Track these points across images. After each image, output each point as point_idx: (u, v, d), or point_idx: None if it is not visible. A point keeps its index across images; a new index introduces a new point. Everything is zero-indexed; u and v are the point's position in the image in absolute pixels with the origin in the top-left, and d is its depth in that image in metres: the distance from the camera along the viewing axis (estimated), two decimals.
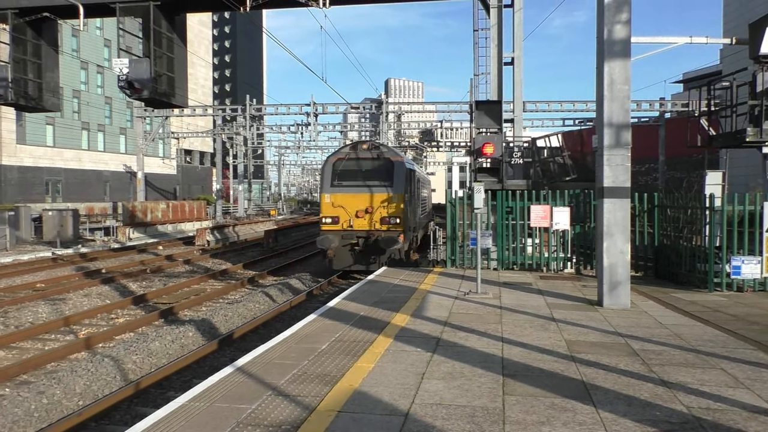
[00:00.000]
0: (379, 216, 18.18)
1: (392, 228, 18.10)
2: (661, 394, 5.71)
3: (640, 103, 39.62)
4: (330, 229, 18.43)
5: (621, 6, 9.85)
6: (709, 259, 11.81)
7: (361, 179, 18.70)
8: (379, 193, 18.33)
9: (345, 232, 18.33)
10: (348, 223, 18.33)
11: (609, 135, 9.99)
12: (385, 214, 18.19)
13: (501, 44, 20.62)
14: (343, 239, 18.29)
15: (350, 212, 18.34)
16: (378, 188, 18.42)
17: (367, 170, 18.79)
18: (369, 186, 18.47)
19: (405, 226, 18.36)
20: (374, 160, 18.86)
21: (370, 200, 18.26)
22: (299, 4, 19.10)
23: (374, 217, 18.22)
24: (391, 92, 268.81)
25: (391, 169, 18.56)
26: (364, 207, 18.31)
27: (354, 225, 18.31)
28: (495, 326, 8.61)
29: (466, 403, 5.42)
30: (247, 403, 5.42)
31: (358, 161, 18.96)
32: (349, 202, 18.42)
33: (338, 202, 18.41)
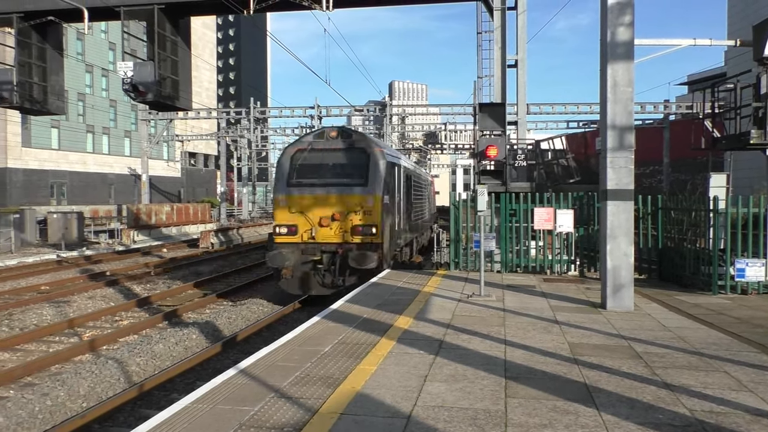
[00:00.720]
0: (351, 224, 14.47)
1: (368, 240, 14.40)
2: (664, 397, 5.69)
3: (643, 105, 39.59)
4: (285, 241, 14.66)
5: (624, 8, 9.85)
6: (713, 262, 11.78)
7: (327, 176, 14.92)
8: (351, 194, 14.54)
9: (305, 245, 14.58)
10: (309, 234, 14.50)
11: (612, 137, 9.98)
12: (358, 221, 14.45)
13: (505, 47, 20.65)
14: (302, 255, 14.53)
15: (312, 220, 14.52)
16: (349, 188, 14.68)
17: (336, 164, 15.07)
18: (337, 185, 14.70)
19: (385, 237, 14.74)
20: (345, 151, 15.14)
21: (338, 204, 14.59)
22: (303, 7, 19.16)
23: (344, 225, 14.47)
24: (394, 95, 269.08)
25: (367, 162, 14.81)
26: (330, 213, 14.50)
27: (317, 236, 14.48)
28: (498, 329, 8.60)
29: (468, 406, 5.42)
30: (250, 405, 5.43)
31: (324, 153, 15.15)
32: (311, 206, 14.60)
33: (297, 206, 14.62)
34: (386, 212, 14.88)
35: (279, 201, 14.84)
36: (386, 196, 14.90)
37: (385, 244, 14.75)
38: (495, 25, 20.76)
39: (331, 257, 14.47)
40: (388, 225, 15.01)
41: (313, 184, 14.82)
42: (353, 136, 15.41)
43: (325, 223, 14.45)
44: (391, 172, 15.47)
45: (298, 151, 15.28)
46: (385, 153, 15.37)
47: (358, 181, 14.72)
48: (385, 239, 14.73)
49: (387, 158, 15.22)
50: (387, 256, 15.10)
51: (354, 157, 15.02)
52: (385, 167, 14.86)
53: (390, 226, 15.30)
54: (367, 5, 22.44)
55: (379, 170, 14.73)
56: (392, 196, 15.72)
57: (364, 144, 15.22)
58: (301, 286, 14.67)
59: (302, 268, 14.61)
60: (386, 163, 15.03)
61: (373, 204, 14.48)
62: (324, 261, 14.45)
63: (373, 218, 14.45)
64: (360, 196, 14.53)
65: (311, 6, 18.86)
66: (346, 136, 15.28)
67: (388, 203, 15.04)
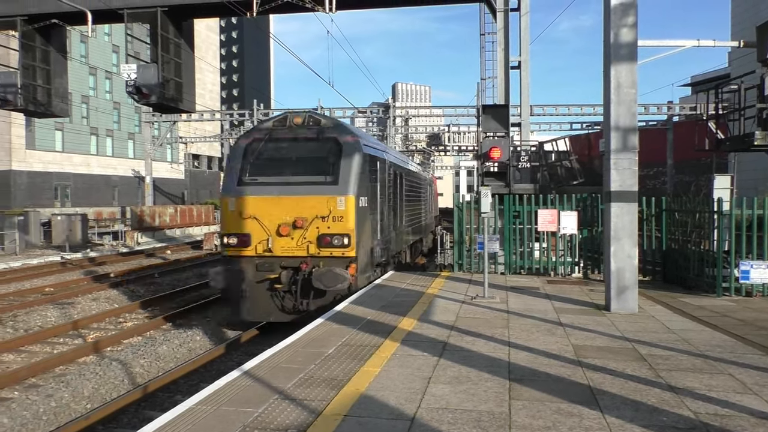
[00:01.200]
0: (316, 233, 11.76)
1: (338, 252, 11.75)
2: (669, 399, 5.68)
3: (647, 106, 39.54)
4: (236, 254, 12.00)
5: (627, 9, 9.85)
6: (717, 264, 11.74)
7: (289, 172, 12.24)
8: (317, 194, 11.83)
9: (261, 259, 11.89)
10: (265, 246, 11.81)
11: (616, 139, 9.96)
12: (326, 229, 11.75)
13: (508, 48, 20.66)
14: (257, 272, 11.91)
15: (269, 227, 11.84)
16: (315, 187, 11.96)
17: (301, 158, 12.42)
18: (301, 183, 12.00)
19: (362, 249, 12.18)
20: (312, 141, 12.41)
21: (301, 207, 11.84)
22: (306, 9, 19.19)
23: (309, 234, 11.77)
24: (398, 96, 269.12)
25: (338, 155, 12.15)
26: (291, 219, 11.78)
27: (275, 248, 11.82)
28: (502, 331, 8.59)
29: (472, 408, 5.41)
30: (253, 406, 5.44)
31: (286, 144, 12.51)
32: (268, 210, 11.91)
33: (250, 210, 11.95)
34: (363, 217, 12.29)
35: (228, 203, 12.10)
36: (363, 198, 12.26)
37: (361, 257, 12.16)
38: (498, 26, 20.78)
39: (293, 274, 11.76)
40: (366, 234, 12.47)
41: (271, 182, 12.09)
42: (323, 122, 12.56)
43: (285, 231, 11.73)
44: (371, 168, 12.91)
45: (254, 140, 12.56)
46: (363, 144, 12.66)
47: (327, 178, 12.00)
48: (362, 252, 12.20)
49: (365, 150, 12.59)
50: (363, 272, 12.52)
51: (323, 149, 12.32)
52: (361, 161, 12.20)
53: (369, 234, 12.77)
54: (369, 6, 22.47)
55: (354, 165, 12.01)
56: (373, 197, 13.10)
57: (336, 132, 12.37)
58: (256, 310, 11.98)
59: (257, 288, 11.92)
60: (363, 156, 12.32)
61: (346, 207, 11.72)
62: (284, 279, 11.71)
63: (345, 225, 11.73)
64: (329, 197, 11.76)
65: (314, 8, 18.89)
66: (314, 123, 12.51)
67: (366, 206, 12.44)
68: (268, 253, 11.81)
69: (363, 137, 13.37)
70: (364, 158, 12.33)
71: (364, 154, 12.36)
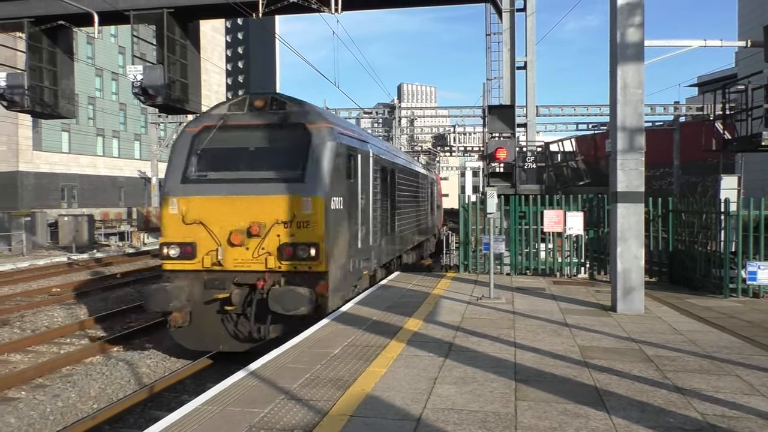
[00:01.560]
0: (277, 242, 9.64)
1: (304, 267, 9.58)
2: (676, 400, 5.66)
3: (653, 106, 39.41)
4: (178, 268, 9.91)
5: (634, 9, 9.82)
6: (724, 265, 11.70)
7: (244, 167, 10.21)
8: (278, 194, 9.71)
9: (209, 275, 9.79)
10: (214, 258, 9.69)
11: (622, 139, 9.94)
12: (288, 237, 9.63)
13: (513, 48, 20.64)
14: (205, 290, 9.81)
15: (219, 235, 9.74)
16: (276, 185, 9.84)
17: (260, 149, 10.34)
18: (259, 181, 9.92)
19: (334, 262, 9.95)
20: (275, 129, 10.34)
21: (258, 210, 9.71)
22: (311, 10, 19.22)
23: (267, 243, 9.64)
24: (403, 97, 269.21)
25: (306, 145, 10.00)
26: (245, 224, 9.69)
27: (226, 261, 9.72)
28: (508, 331, 8.58)
29: (478, 408, 5.41)
30: (259, 407, 5.45)
31: (243, 133, 10.41)
32: (218, 214, 9.80)
33: (195, 213, 9.83)
34: (338, 223, 10.18)
35: (168, 205, 10.00)
36: (337, 199, 10.15)
37: (334, 272, 9.94)
38: (504, 27, 20.76)
39: (248, 293, 9.66)
40: (341, 242, 10.32)
41: (223, 179, 10.07)
42: (288, 105, 10.39)
43: (238, 240, 9.62)
44: (348, 162, 10.80)
45: (203, 128, 10.43)
46: (339, 132, 10.60)
47: (290, 174, 9.86)
48: (334, 265, 9.99)
49: (341, 140, 10.50)
50: (337, 290, 10.24)
51: (288, 138, 10.17)
52: (335, 153, 10.11)
53: (345, 243, 10.57)
54: (375, 7, 22.48)
55: (325, 158, 9.89)
56: (351, 197, 10.97)
57: (304, 118, 10.20)
58: (202, 338, 9.91)
59: (204, 310, 9.84)
60: (337, 146, 10.22)
61: (314, 210, 9.59)
62: (236, 299, 9.66)
63: (312, 233, 9.57)
64: (292, 197, 9.65)
65: (320, 9, 18.91)
66: (278, 107, 10.39)
67: (341, 209, 10.34)
68: (218, 266, 9.71)
69: (340, 124, 11.28)
70: (339, 150, 10.25)
71: (339, 145, 10.28)
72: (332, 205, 9.90)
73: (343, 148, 10.58)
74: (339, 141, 10.36)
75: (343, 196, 10.45)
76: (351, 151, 11.06)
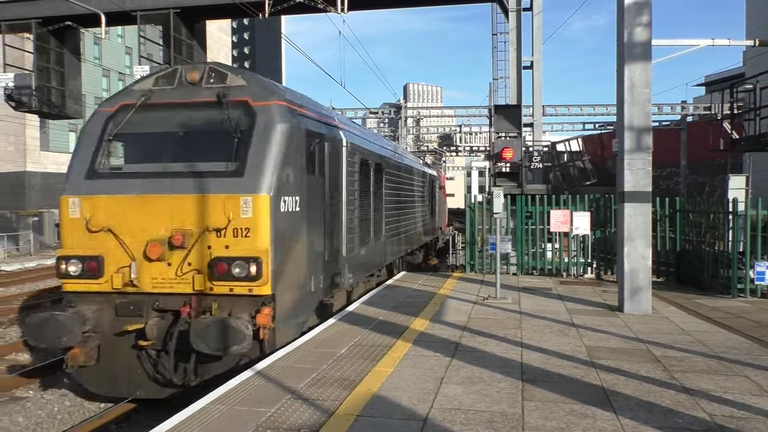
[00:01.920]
0: (207, 255, 7.41)
1: (243, 287, 7.30)
2: (683, 401, 5.63)
3: (661, 106, 39.26)
4: (82, 288, 7.66)
5: (641, 8, 9.78)
6: (732, 265, 11.64)
7: (168, 158, 7.97)
8: (208, 192, 7.50)
9: (121, 298, 7.58)
10: (127, 276, 7.50)
11: (629, 139, 9.90)
12: (222, 250, 7.39)
13: (520, 48, 20.61)
14: (116, 317, 7.55)
15: (132, 246, 7.54)
16: (206, 180, 7.61)
17: (190, 135, 8.13)
18: (183, 175, 7.68)
19: (286, 280, 7.75)
20: (212, 107, 8.00)
21: (182, 214, 7.50)
22: (318, 10, 19.24)
23: (194, 257, 7.44)
24: (409, 97, 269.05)
25: (250, 129, 7.80)
26: (166, 232, 7.47)
27: (142, 280, 7.52)
28: (514, 331, 8.56)
29: (485, 409, 5.40)
30: (266, 406, 5.45)
31: (169, 113, 8.17)
32: (130, 218, 7.59)
33: (102, 218, 7.64)
34: (292, 230, 7.88)
35: (68, 207, 7.72)
36: (291, 198, 7.85)
37: (284, 295, 7.63)
38: (510, 26, 20.73)
39: (171, 324, 7.38)
40: (296, 256, 7.99)
41: (140, 173, 7.86)
42: (230, 78, 8.12)
43: (157, 253, 7.29)
44: (309, 151, 8.53)
45: (121, 108, 8.21)
46: (297, 113, 8.34)
47: (226, 166, 7.61)
48: (286, 285, 7.67)
49: (298, 122, 8.20)
50: (292, 317, 7.96)
51: (226, 120, 7.73)
52: (288, 139, 7.82)
53: (302, 257, 8.21)
54: (381, 7, 22.49)
55: (273, 144, 7.62)
56: (314, 196, 8.65)
57: (249, 94, 7.90)
58: (115, 380, 7.63)
59: (115, 345, 7.57)
60: (292, 130, 7.95)
61: (255, 213, 7.31)
62: (153, 332, 7.38)
63: (252, 244, 7.27)
64: (226, 197, 7.36)
65: (326, 8, 18.94)
66: (217, 80, 8.12)
67: (297, 212, 8.00)
68: (132, 287, 7.44)
69: (299, 103, 8.76)
70: (295, 135, 8.02)
71: (295, 129, 8.05)
72: (282, 207, 7.63)
73: (302, 132, 8.28)
74: (296, 123, 8.11)
75: (301, 196, 8.16)
76: (315, 138, 8.82)
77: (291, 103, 8.36)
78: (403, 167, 16.42)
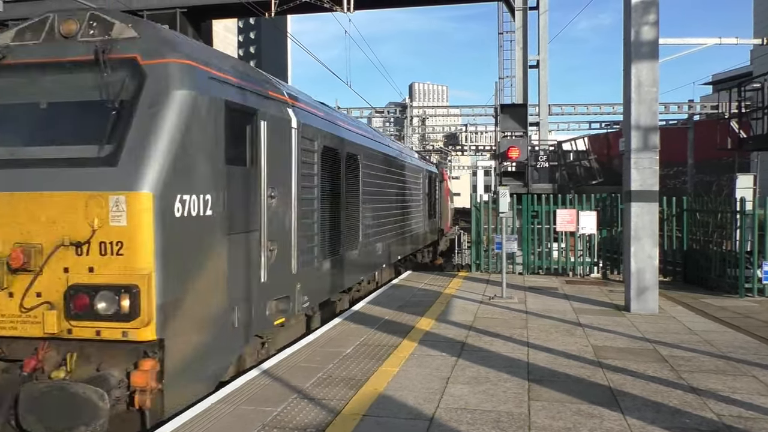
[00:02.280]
0: (63, 281, 5.06)
1: (112, 330, 4.95)
2: (691, 401, 5.61)
3: (667, 105, 39.16)
4: None
5: (648, 7, 9.74)
6: (739, 264, 11.59)
7: (21, 139, 5.72)
8: (64, 189, 5.14)
9: None
10: None
11: (636, 138, 9.87)
12: (82, 273, 5.07)
13: (526, 47, 20.59)
14: None
15: None
16: (63, 173, 5.25)
17: (55, 107, 5.78)
18: (35, 164, 5.35)
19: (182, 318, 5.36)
20: (87, 68, 5.62)
21: (27, 220, 5.19)
22: (324, 9, 19.26)
23: (44, 283, 5.08)
24: (415, 96, 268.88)
25: (135, 96, 5.48)
26: (3, 247, 5.18)
27: None
28: (520, 331, 8.54)
29: (491, 408, 5.38)
30: (272, 405, 5.45)
31: (29, 76, 5.82)
32: None
33: None
34: (194, 244, 5.67)
35: None
36: (193, 197, 5.65)
37: (177, 340, 5.36)
38: (516, 25, 20.71)
39: (15, 381, 5.06)
40: (202, 281, 5.76)
41: None
42: (116, 29, 5.82)
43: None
44: (230, 132, 6.33)
45: None
46: (207, 74, 6.06)
47: (94, 151, 5.40)
48: (182, 326, 5.44)
49: (207, 89, 5.99)
50: (190, 375, 5.60)
51: (105, 86, 5.60)
52: (190, 112, 5.70)
53: (215, 281, 5.97)
54: (387, 6, 22.50)
55: (164, 120, 5.47)
56: (236, 196, 6.35)
57: (139, 49, 5.65)
58: None
59: None
60: (197, 100, 5.80)
61: (130, 219, 5.14)
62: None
63: (128, 264, 5.09)
64: (88, 196, 5.17)
65: (332, 8, 18.95)
66: (101, 31, 5.83)
67: (206, 218, 5.83)
68: None
69: (216, 63, 6.39)
70: (202, 106, 5.84)
71: (202, 98, 5.85)
72: (178, 210, 5.44)
73: (218, 105, 6.05)
74: (206, 91, 5.89)
75: (216, 194, 5.95)
76: (244, 114, 6.61)
77: (200, 63, 5.96)
78: (390, 160, 14.03)
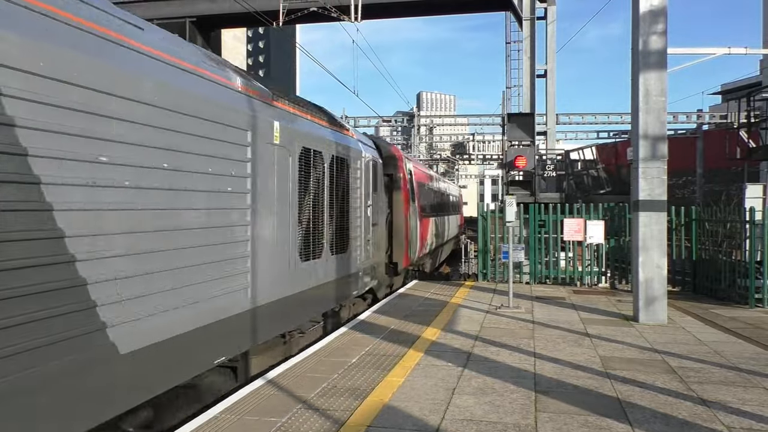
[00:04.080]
0: None
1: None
2: (701, 413, 5.53)
3: (676, 114, 39.07)
4: None
5: (657, 16, 9.71)
6: (749, 274, 11.49)
7: None
8: None
9: None
10: None
11: (644, 147, 9.82)
12: None
13: (534, 57, 20.57)
14: None
15: None
16: None
17: None
18: None
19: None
20: None
21: None
22: (332, 19, 19.33)
23: None
24: (422, 105, 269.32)
25: None
26: None
27: None
28: (527, 341, 8.48)
29: (497, 420, 5.33)
30: (277, 416, 5.41)
31: None
32: None
33: None
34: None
35: None
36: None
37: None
38: (524, 35, 20.70)
39: None
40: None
41: None
42: None
43: None
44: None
45: None
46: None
47: None
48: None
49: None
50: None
51: None
52: None
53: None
54: (394, 16, 22.55)
55: None
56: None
57: None
58: None
59: None
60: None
61: None
62: None
63: None
64: None
65: (340, 17, 19.02)
66: None
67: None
68: None
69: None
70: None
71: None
72: None
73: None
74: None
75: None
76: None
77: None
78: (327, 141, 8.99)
